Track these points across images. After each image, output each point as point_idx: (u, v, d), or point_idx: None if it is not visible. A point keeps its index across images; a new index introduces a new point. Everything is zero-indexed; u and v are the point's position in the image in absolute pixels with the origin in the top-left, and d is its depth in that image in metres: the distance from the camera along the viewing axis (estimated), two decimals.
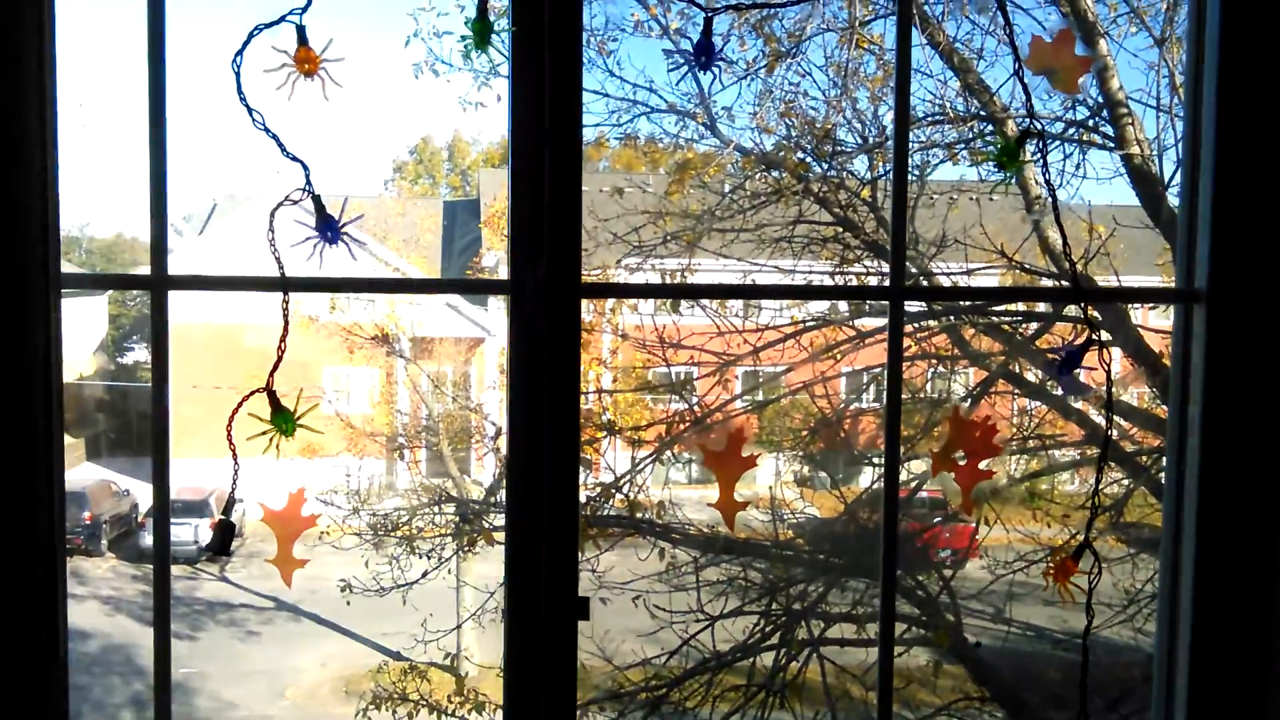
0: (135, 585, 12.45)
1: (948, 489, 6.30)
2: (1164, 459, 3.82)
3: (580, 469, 1.87)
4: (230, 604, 11.86)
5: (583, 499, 5.67)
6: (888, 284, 1.99)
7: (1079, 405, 5.55)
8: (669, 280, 6.34)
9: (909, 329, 5.54)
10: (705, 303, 6.08)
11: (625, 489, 5.91)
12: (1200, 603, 1.92)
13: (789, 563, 6.02)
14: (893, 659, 2.05)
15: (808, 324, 6.00)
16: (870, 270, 5.84)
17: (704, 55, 1.71)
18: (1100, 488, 1.89)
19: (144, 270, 1.82)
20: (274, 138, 1.60)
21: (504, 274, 1.85)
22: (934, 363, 6.16)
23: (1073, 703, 1.87)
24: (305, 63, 1.58)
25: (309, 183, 1.61)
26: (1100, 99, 5.15)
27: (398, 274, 12.30)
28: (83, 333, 17.10)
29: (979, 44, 5.42)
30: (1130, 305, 5.42)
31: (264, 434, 1.61)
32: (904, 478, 5.88)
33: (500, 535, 6.59)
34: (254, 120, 1.58)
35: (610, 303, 7.11)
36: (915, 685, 5.98)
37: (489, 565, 7.63)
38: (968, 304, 5.58)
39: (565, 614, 1.82)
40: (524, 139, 1.78)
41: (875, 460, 6.70)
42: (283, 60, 1.58)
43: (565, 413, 1.81)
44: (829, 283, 6.08)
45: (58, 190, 1.69)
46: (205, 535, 11.28)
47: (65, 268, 1.73)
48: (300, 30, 1.59)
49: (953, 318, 5.68)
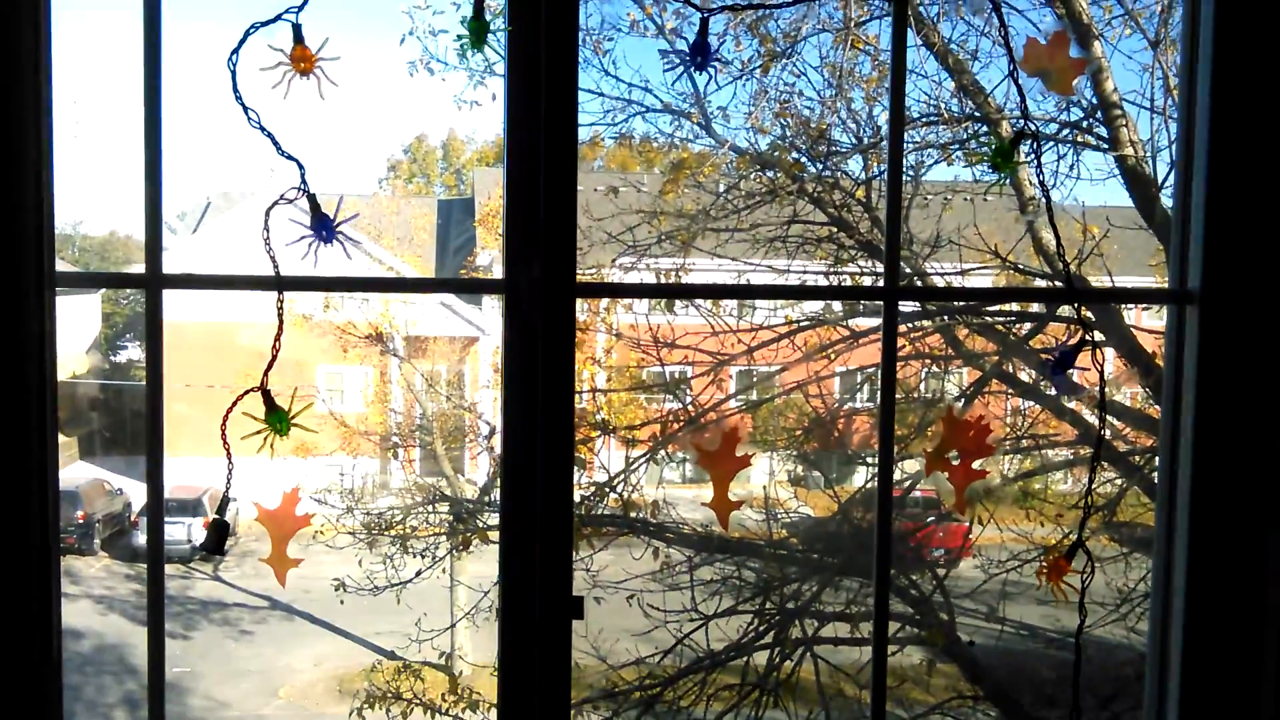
0: (128, 584, 12.42)
1: (941, 488, 6.31)
2: (1157, 459, 3.84)
3: (574, 468, 1.87)
4: (224, 603, 11.84)
5: (577, 498, 5.66)
6: (882, 284, 1.99)
7: (1072, 405, 5.56)
8: (663, 280, 6.34)
9: (903, 329, 5.54)
10: (700, 302, 6.08)
11: (619, 488, 5.91)
12: (1192, 601, 1.93)
13: (783, 562, 6.03)
14: (886, 658, 2.06)
15: (802, 324, 6.00)
16: (864, 270, 5.85)
17: (700, 55, 1.71)
18: (1093, 487, 1.89)
19: (138, 268, 1.82)
20: (269, 136, 1.60)
21: (498, 273, 1.85)
22: (928, 363, 6.16)
23: (1066, 701, 1.87)
24: (301, 61, 1.58)
25: (304, 181, 1.61)
26: (1094, 100, 5.16)
27: (392, 273, 12.29)
28: (76, 331, 17.05)
29: (974, 45, 5.43)
30: (1123, 306, 5.43)
31: (258, 433, 1.61)
32: (897, 477, 5.89)
33: (494, 534, 6.61)
34: (250, 119, 1.58)
35: (604, 302, 7.12)
36: (909, 684, 5.99)
37: (483, 564, 7.63)
38: (962, 304, 5.59)
39: (559, 613, 1.83)
40: (519, 138, 1.78)
41: (869, 460, 6.71)
42: (279, 59, 1.58)
43: (559, 412, 1.81)
44: (823, 283, 6.08)
45: (52, 188, 1.69)
46: (198, 534, 11.25)
47: (58, 266, 1.73)
48: (296, 29, 1.59)
49: (946, 318, 5.68)
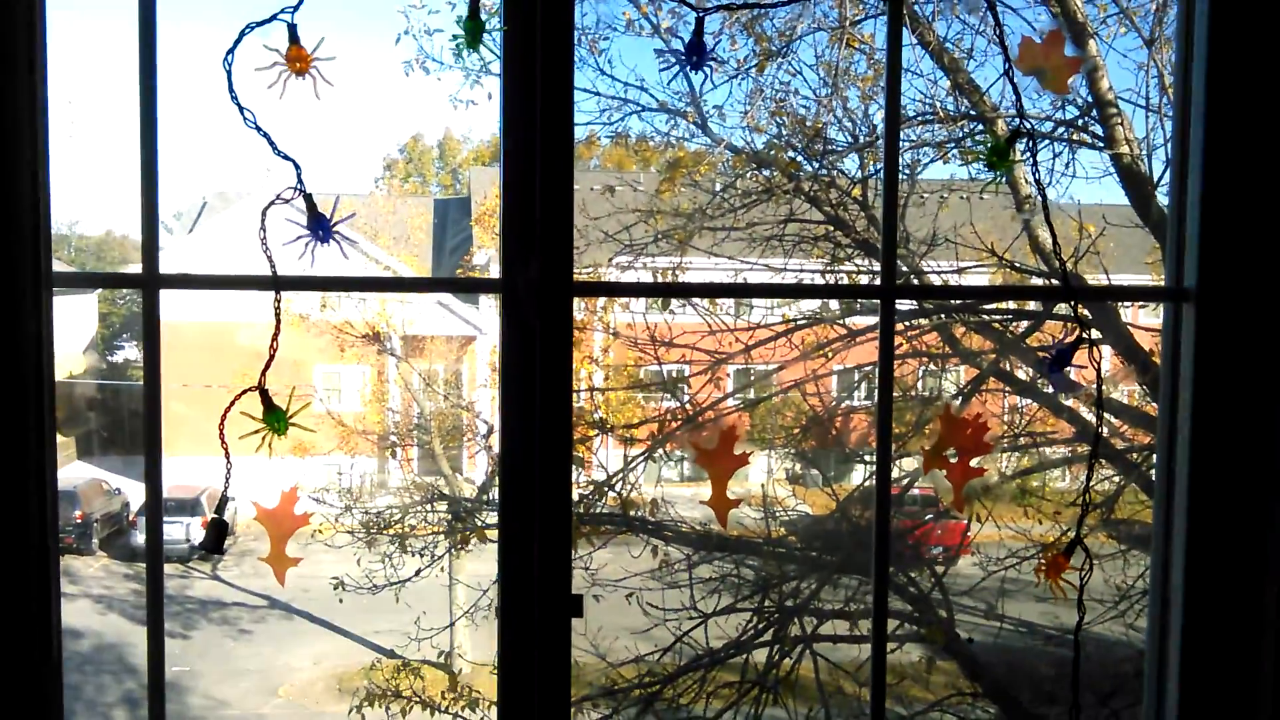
0: (127, 584, 12.42)
1: (939, 486, 6.31)
2: (1154, 456, 3.84)
3: (572, 467, 1.87)
4: (223, 602, 11.84)
5: (575, 497, 5.67)
6: (878, 282, 2.00)
7: (1069, 403, 5.56)
8: (660, 279, 6.34)
9: (900, 327, 5.55)
10: (697, 301, 6.08)
11: (618, 487, 5.91)
12: (1191, 598, 1.93)
13: (781, 560, 6.03)
14: (886, 655, 2.06)
15: (799, 322, 6.01)
16: (861, 269, 5.85)
17: (696, 55, 1.71)
18: (1091, 484, 1.89)
19: (134, 268, 1.82)
20: (265, 136, 1.60)
21: (495, 272, 1.85)
22: (925, 361, 6.17)
23: (1064, 698, 1.88)
24: (297, 61, 1.58)
25: (300, 181, 1.61)
26: (1090, 99, 5.17)
27: (389, 272, 12.28)
28: (73, 331, 17.04)
29: (969, 44, 5.43)
30: (1120, 304, 5.44)
31: (257, 432, 1.61)
32: (895, 475, 5.90)
33: (492, 533, 6.61)
34: (245, 119, 1.58)
35: (602, 301, 7.11)
36: (908, 681, 6.00)
37: (481, 563, 7.64)
38: (958, 302, 5.60)
39: (559, 611, 1.83)
40: (516, 137, 1.78)
41: (867, 458, 6.71)
42: (274, 59, 1.58)
43: (557, 410, 1.81)
44: (820, 281, 6.08)
45: (48, 188, 1.69)
46: (197, 534, 11.25)
47: (55, 266, 1.73)
48: (292, 29, 1.59)
49: (943, 316, 5.69)
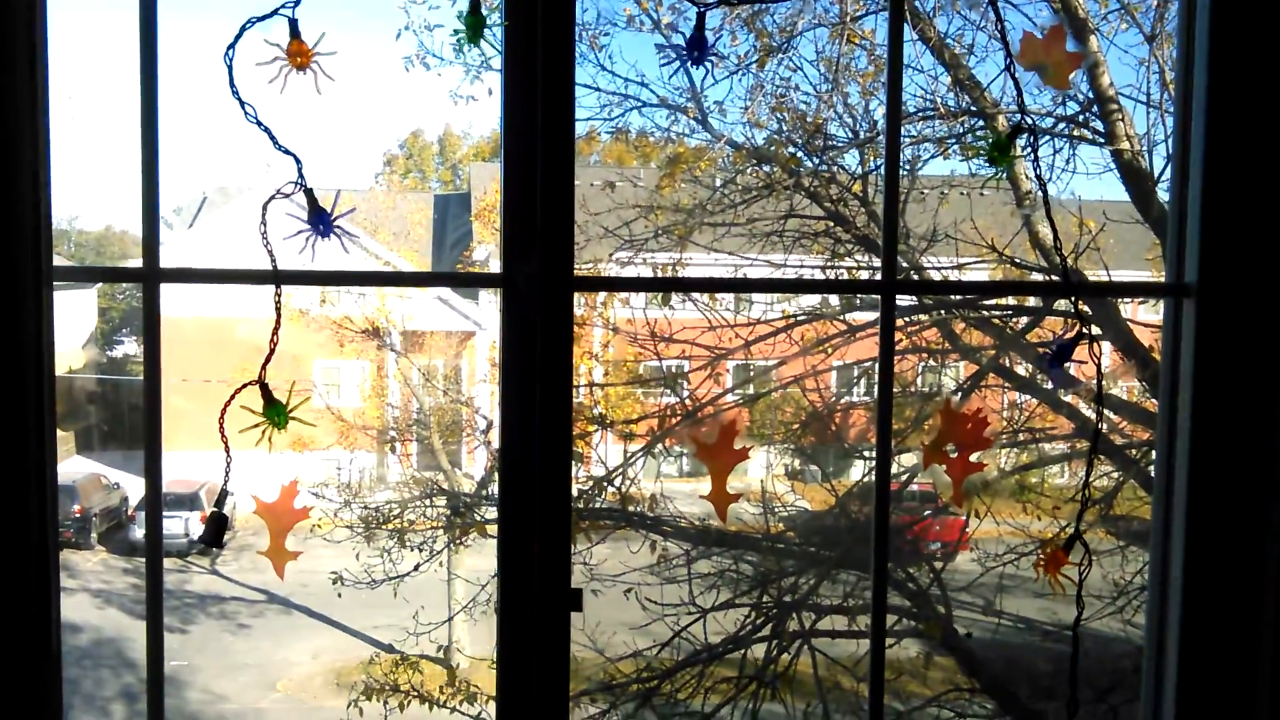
0: (125, 579, 12.43)
1: (938, 482, 6.31)
2: (1153, 452, 3.85)
3: (572, 462, 1.87)
4: (221, 597, 11.85)
5: (574, 492, 5.66)
6: (879, 278, 2.00)
7: (1069, 399, 5.57)
8: (660, 275, 6.33)
9: (900, 323, 5.55)
10: (696, 297, 6.08)
11: (617, 482, 5.92)
12: (1189, 594, 1.94)
13: (780, 555, 6.04)
14: (884, 650, 2.06)
15: (799, 318, 6.01)
16: (861, 265, 5.85)
17: (697, 50, 1.71)
18: (1090, 480, 1.90)
19: (134, 263, 1.82)
20: (266, 131, 1.60)
21: (495, 267, 1.85)
22: (924, 357, 6.17)
23: (1063, 693, 1.88)
24: (298, 56, 1.58)
25: (301, 176, 1.61)
26: (1091, 95, 5.16)
27: (389, 268, 12.28)
28: (72, 326, 17.03)
29: (970, 40, 5.43)
30: (1120, 300, 5.44)
31: (256, 426, 1.61)
32: (894, 471, 5.90)
33: (491, 528, 6.61)
34: (246, 113, 1.58)
35: (601, 296, 7.11)
36: (906, 677, 6.01)
37: (480, 558, 7.65)
38: (959, 298, 5.60)
39: (558, 606, 1.83)
40: (516, 132, 1.77)
41: (866, 453, 6.71)
42: (275, 54, 1.58)
43: (558, 405, 1.81)
44: (820, 277, 6.08)
45: (49, 183, 1.69)
46: (196, 528, 11.26)
47: (54, 261, 1.72)
48: (293, 23, 1.59)
49: (943, 312, 5.69)
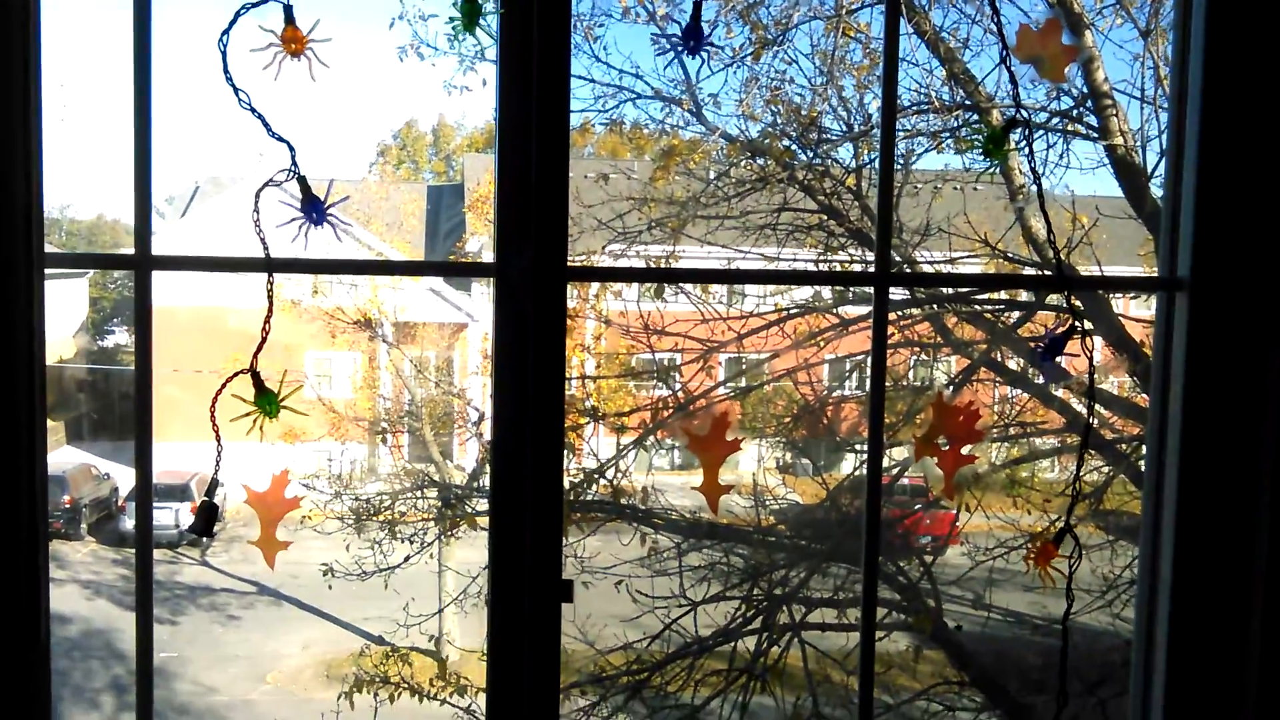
0: (115, 570, 12.41)
1: (930, 475, 6.33)
2: (1144, 447, 3.85)
3: (564, 454, 1.87)
4: (211, 588, 11.84)
5: (566, 484, 5.67)
6: (872, 270, 2.00)
7: (1060, 393, 5.58)
8: (653, 267, 6.33)
9: (892, 316, 5.56)
10: (689, 289, 6.08)
11: (609, 475, 5.92)
12: (1179, 589, 1.94)
13: (771, 548, 6.05)
14: (874, 644, 2.07)
15: (791, 311, 6.01)
16: (854, 259, 5.85)
17: (693, 39, 1.71)
18: (1081, 474, 1.90)
19: (126, 252, 1.81)
20: (260, 117, 1.59)
21: (488, 258, 1.84)
22: (917, 350, 6.18)
23: (1052, 686, 1.89)
24: (292, 43, 1.57)
25: (295, 164, 1.60)
26: (1085, 89, 5.17)
27: (383, 258, 12.25)
28: (63, 315, 16.97)
29: (965, 34, 5.43)
30: (1112, 295, 5.45)
31: (248, 415, 1.60)
32: (885, 464, 5.90)
33: (482, 520, 6.61)
34: (240, 100, 1.57)
35: (594, 289, 7.10)
36: (896, 670, 6.02)
37: (470, 550, 7.64)
38: (952, 291, 5.60)
39: (549, 597, 1.83)
40: (511, 124, 1.77)
41: (857, 447, 6.73)
42: (269, 40, 1.57)
43: (550, 396, 1.80)
44: (813, 270, 6.08)
45: (41, 171, 1.68)
46: (186, 520, 11.23)
47: (46, 249, 1.72)
48: (288, 9, 1.58)
49: (935, 306, 5.70)
